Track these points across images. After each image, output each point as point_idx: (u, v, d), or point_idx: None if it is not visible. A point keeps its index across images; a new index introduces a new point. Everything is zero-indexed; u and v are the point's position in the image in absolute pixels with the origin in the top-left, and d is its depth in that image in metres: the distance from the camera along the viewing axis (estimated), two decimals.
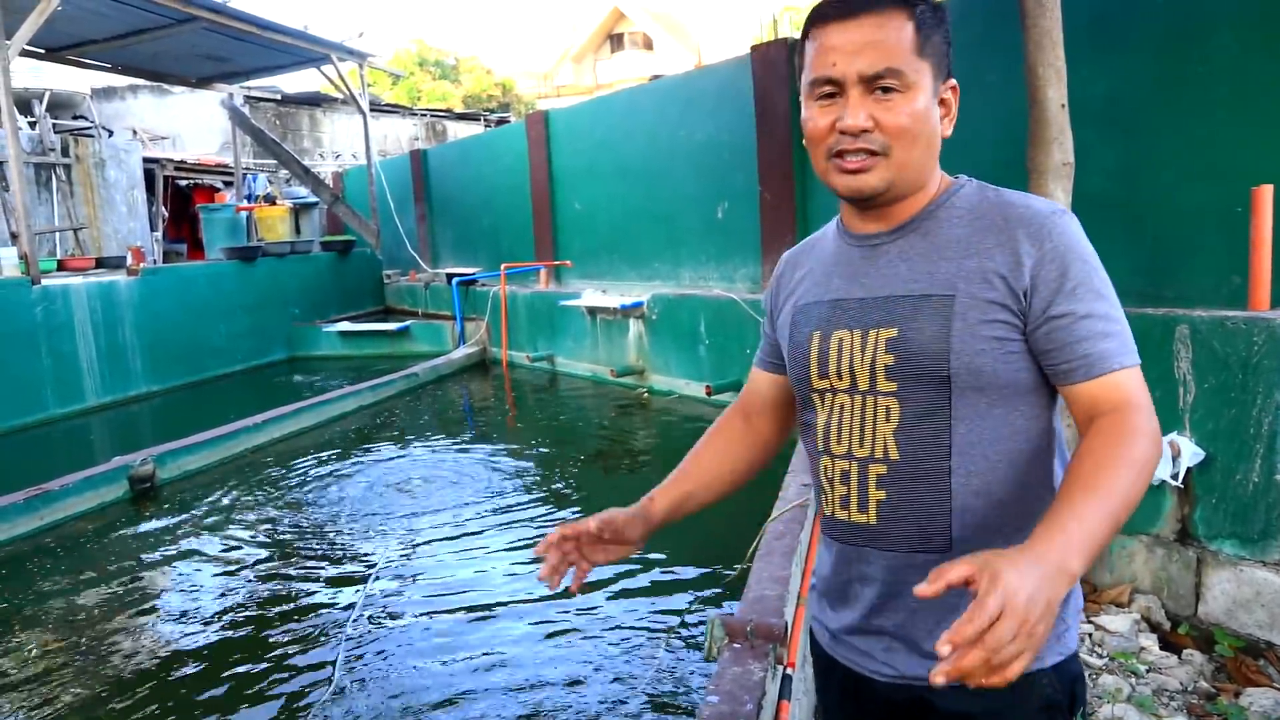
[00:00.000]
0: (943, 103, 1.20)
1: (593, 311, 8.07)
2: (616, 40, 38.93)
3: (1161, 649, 3.01)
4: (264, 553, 4.37)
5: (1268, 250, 3.16)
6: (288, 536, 4.57)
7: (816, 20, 1.19)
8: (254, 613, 3.69)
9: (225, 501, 5.19)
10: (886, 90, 1.15)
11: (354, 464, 5.88)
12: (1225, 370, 3.01)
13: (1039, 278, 1.12)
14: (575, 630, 3.40)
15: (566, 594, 1.68)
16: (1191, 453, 3.07)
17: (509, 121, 19.31)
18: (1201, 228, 3.82)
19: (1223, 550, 3.05)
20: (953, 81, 1.21)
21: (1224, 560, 3.05)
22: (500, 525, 4.56)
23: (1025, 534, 1.06)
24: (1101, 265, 1.14)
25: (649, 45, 37.63)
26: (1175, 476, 3.07)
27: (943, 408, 1.17)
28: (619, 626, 3.42)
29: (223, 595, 3.89)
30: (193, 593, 3.94)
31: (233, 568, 4.20)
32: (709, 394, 6.46)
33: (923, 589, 0.91)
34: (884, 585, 1.25)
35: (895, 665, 1.24)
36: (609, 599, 3.66)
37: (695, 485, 1.48)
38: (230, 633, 3.53)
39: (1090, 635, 3.05)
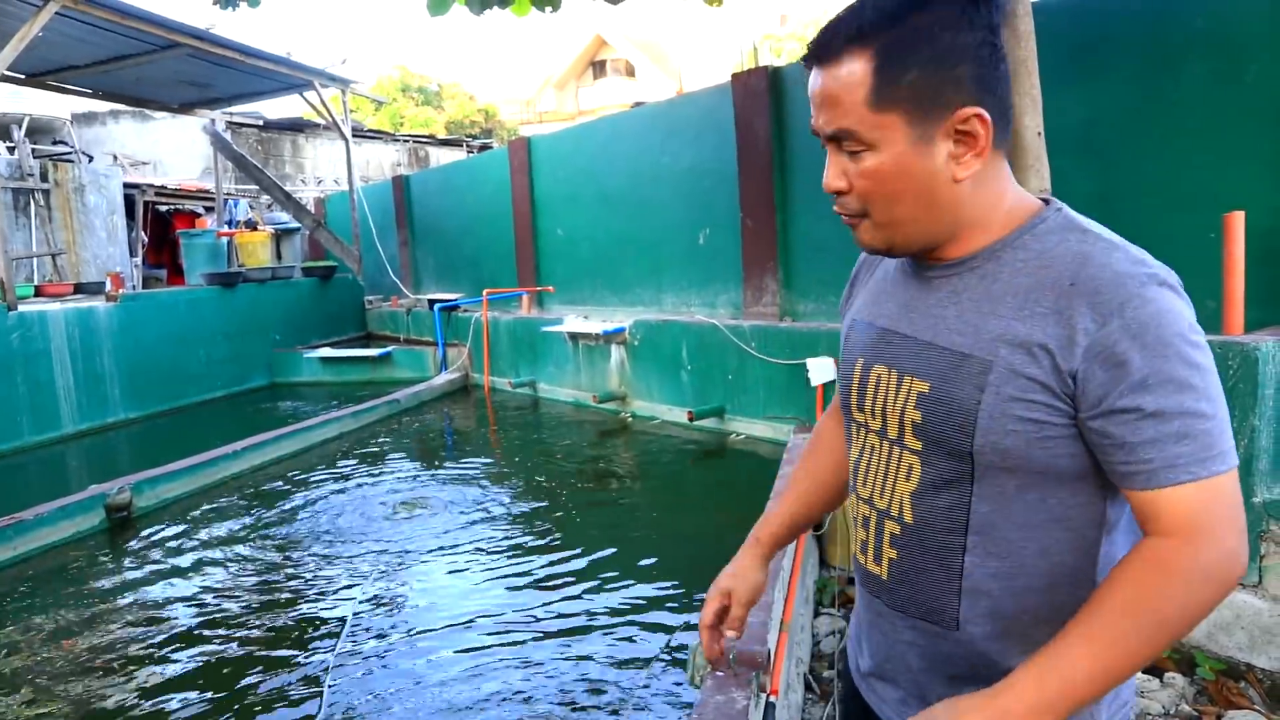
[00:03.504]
0: (960, 137, 0.99)
1: (575, 337, 8.07)
2: (599, 67, 39.27)
3: (1144, 672, 3.01)
4: (244, 582, 4.31)
5: (1240, 275, 3.21)
6: (268, 565, 4.51)
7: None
8: (235, 644, 3.64)
9: (204, 530, 5.13)
10: (853, 153, 1.03)
11: (336, 491, 5.83)
12: None
13: (1094, 361, 0.92)
14: (557, 658, 3.37)
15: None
16: None
17: (491, 147, 19.39)
18: (1176, 253, 3.84)
19: None
20: (966, 111, 0.98)
21: None
22: (483, 551, 4.52)
23: (1048, 628, 0.99)
24: (1200, 347, 0.93)
25: (631, 72, 37.98)
26: None
27: (963, 482, 1.04)
28: (601, 654, 3.40)
29: (202, 626, 3.83)
30: (170, 624, 3.88)
31: (212, 598, 4.14)
32: (691, 420, 6.46)
33: None
34: (889, 644, 1.20)
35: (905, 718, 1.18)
36: (592, 627, 3.64)
37: (808, 505, 1.43)
38: (210, 665, 3.47)
39: None
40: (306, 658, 3.47)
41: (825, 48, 1.02)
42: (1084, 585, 1.02)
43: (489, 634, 3.61)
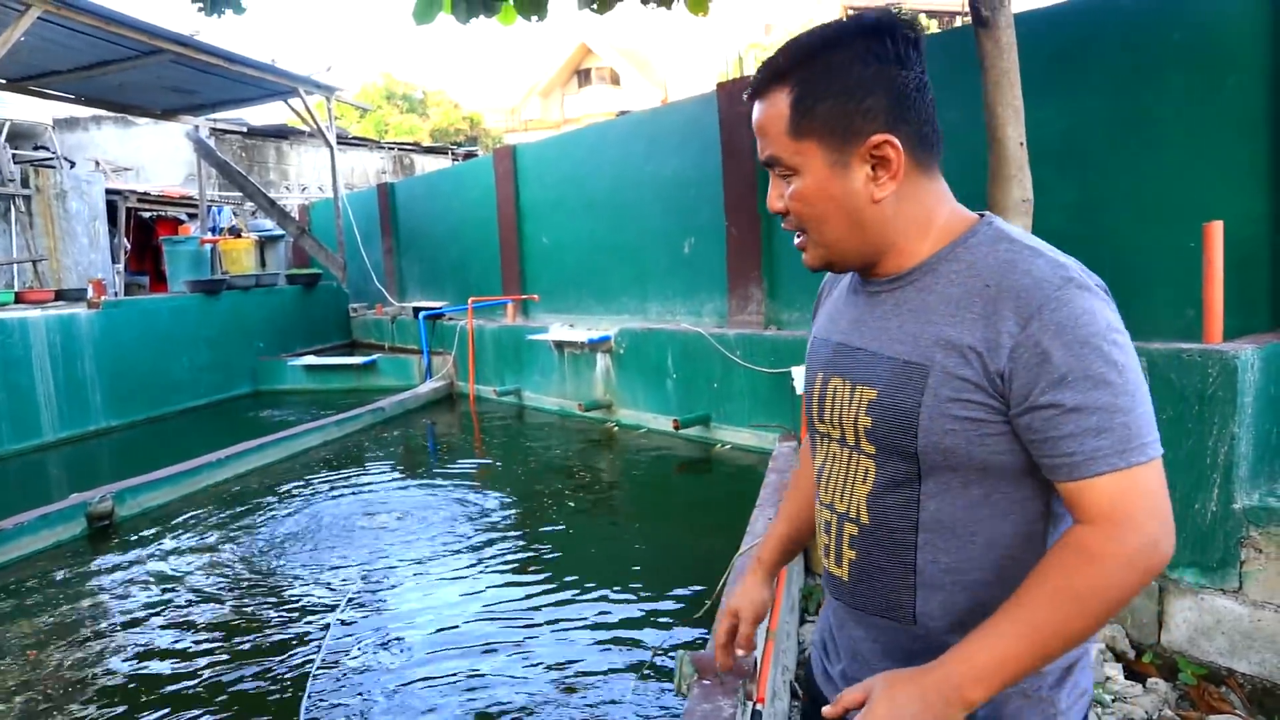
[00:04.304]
0: (876, 161, 1.08)
1: (560, 346, 8.07)
2: (584, 75, 39.33)
3: (1127, 678, 3.04)
4: (226, 592, 4.28)
5: (1219, 284, 3.25)
6: (251, 575, 4.49)
7: None
8: (216, 654, 3.61)
9: (186, 539, 5.09)
10: (784, 177, 1.14)
11: (319, 500, 5.80)
12: (1182, 402, 3.08)
13: (1019, 361, 0.99)
14: (542, 667, 3.37)
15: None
16: None
17: (476, 155, 19.37)
18: (1157, 262, 3.92)
19: (1183, 579, 3.10)
20: (877, 138, 1.07)
21: (1185, 589, 3.10)
22: (468, 561, 4.51)
23: None
24: (1118, 345, 0.99)
25: (616, 81, 38.05)
26: None
27: (912, 481, 1.11)
28: (589, 664, 3.39)
29: (183, 636, 3.80)
30: (151, 634, 3.84)
31: (193, 608, 4.11)
32: (676, 428, 6.47)
33: (827, 711, 1.01)
34: (854, 642, 1.25)
35: None
36: (579, 637, 3.63)
37: (798, 524, 1.50)
38: (190, 674, 3.45)
39: None
40: (287, 667, 3.45)
41: (758, 84, 1.14)
42: None
43: (471, 644, 3.60)
